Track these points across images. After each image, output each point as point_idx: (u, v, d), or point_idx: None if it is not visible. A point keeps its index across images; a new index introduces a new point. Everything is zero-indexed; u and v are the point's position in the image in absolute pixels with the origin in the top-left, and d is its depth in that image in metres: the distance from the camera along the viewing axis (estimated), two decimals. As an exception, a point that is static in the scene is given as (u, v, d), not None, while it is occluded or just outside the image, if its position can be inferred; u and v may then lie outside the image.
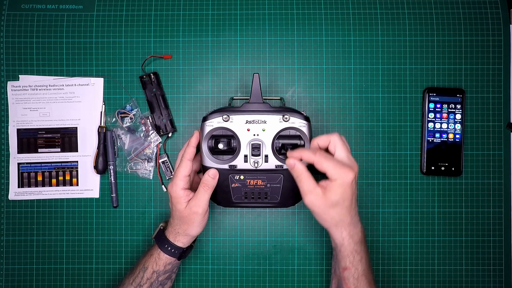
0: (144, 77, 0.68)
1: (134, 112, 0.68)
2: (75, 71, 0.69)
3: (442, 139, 0.68)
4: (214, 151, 0.58)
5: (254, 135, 0.57)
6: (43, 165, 0.69)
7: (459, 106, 0.68)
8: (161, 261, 0.59)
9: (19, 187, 0.68)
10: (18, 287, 0.68)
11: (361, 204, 0.68)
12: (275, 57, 0.69)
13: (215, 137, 0.57)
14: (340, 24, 0.69)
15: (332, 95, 0.69)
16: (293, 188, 0.57)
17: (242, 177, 0.58)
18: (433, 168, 0.68)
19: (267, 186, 0.58)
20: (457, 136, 0.68)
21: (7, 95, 0.69)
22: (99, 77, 0.69)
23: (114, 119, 0.68)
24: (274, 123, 0.56)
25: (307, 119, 0.57)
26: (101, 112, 0.68)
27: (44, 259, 0.68)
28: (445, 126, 0.68)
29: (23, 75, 0.69)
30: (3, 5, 0.69)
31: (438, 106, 0.68)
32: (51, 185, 0.69)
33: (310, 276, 0.68)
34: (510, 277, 0.68)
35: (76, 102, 0.69)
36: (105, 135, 0.68)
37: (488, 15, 0.69)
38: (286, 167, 0.57)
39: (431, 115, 0.68)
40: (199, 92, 0.69)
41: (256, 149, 0.57)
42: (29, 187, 0.68)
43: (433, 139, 0.68)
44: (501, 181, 0.68)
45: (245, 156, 0.57)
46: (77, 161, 0.69)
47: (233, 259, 0.68)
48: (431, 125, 0.68)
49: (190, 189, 0.58)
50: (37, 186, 0.68)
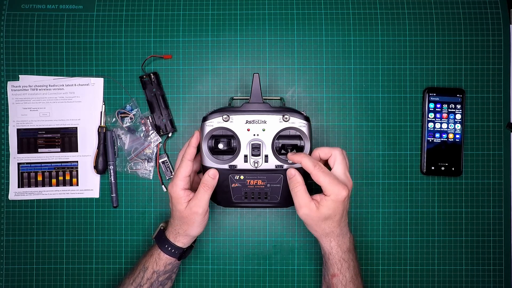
0: (144, 77, 0.68)
1: (134, 112, 0.68)
2: (75, 71, 0.69)
3: (442, 139, 0.68)
4: (214, 151, 0.58)
5: (254, 135, 0.57)
6: (43, 165, 0.69)
7: (459, 106, 0.68)
8: (161, 261, 0.59)
9: (19, 187, 0.68)
10: (18, 287, 0.68)
11: (361, 204, 0.68)
12: (275, 57, 0.69)
13: (215, 137, 0.57)
14: (340, 24, 0.69)
15: (332, 95, 0.69)
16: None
17: (242, 177, 0.58)
18: (433, 168, 0.68)
19: (267, 186, 0.58)
20: (457, 136, 0.68)
21: (7, 95, 0.69)
22: (99, 77, 0.69)
23: (114, 119, 0.68)
24: (274, 123, 0.56)
25: (307, 119, 0.57)
26: (101, 112, 0.68)
27: (44, 259, 0.68)
28: (445, 126, 0.68)
29: (23, 75, 0.69)
30: (3, 5, 0.69)
31: (438, 106, 0.68)
32: (51, 185, 0.69)
33: (310, 276, 0.68)
34: (510, 277, 0.68)
35: (76, 102, 0.69)
36: (105, 135, 0.68)
37: (488, 15, 0.69)
38: (286, 167, 0.57)
39: (431, 115, 0.68)
40: (199, 92, 0.69)
41: (256, 149, 0.56)
42: (29, 187, 0.68)
43: (433, 139, 0.68)
44: (501, 181, 0.68)
45: (245, 156, 0.57)
46: (77, 161, 0.69)
47: (233, 259, 0.68)
48: (431, 125, 0.68)
49: (190, 189, 0.58)
50: (37, 186, 0.68)
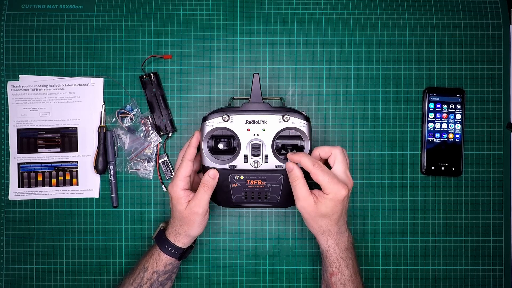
0: (144, 77, 0.68)
1: (134, 112, 0.68)
2: (75, 71, 0.69)
3: (442, 139, 0.68)
4: (214, 151, 0.58)
5: (254, 135, 0.57)
6: (43, 165, 0.69)
7: (459, 106, 0.68)
8: (161, 261, 0.59)
9: (19, 187, 0.68)
10: (18, 287, 0.68)
11: (361, 204, 0.68)
12: (275, 57, 0.69)
13: (215, 137, 0.57)
14: (340, 24, 0.69)
15: (332, 95, 0.69)
16: (293, 188, 0.57)
17: (242, 177, 0.58)
18: (433, 168, 0.68)
19: (267, 186, 0.58)
20: (457, 136, 0.68)
21: (7, 95, 0.69)
22: (99, 77, 0.69)
23: (114, 119, 0.68)
24: (274, 123, 0.56)
25: (307, 119, 0.57)
26: (101, 112, 0.68)
27: (44, 259, 0.68)
28: (445, 126, 0.68)
29: (23, 75, 0.69)
30: (3, 5, 0.69)
31: (438, 106, 0.68)
32: (51, 185, 0.69)
33: (310, 276, 0.68)
34: (510, 277, 0.68)
35: (76, 102, 0.69)
36: (105, 135, 0.68)
37: (488, 15, 0.69)
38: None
39: (431, 115, 0.68)
40: (199, 92, 0.69)
41: (256, 149, 0.56)
42: (29, 187, 0.68)
43: (433, 139, 0.68)
44: (501, 181, 0.68)
45: (245, 156, 0.57)
46: (77, 161, 0.69)
47: (233, 259, 0.68)
48: (431, 125, 0.68)
49: (190, 189, 0.58)
50: (37, 186, 0.68)
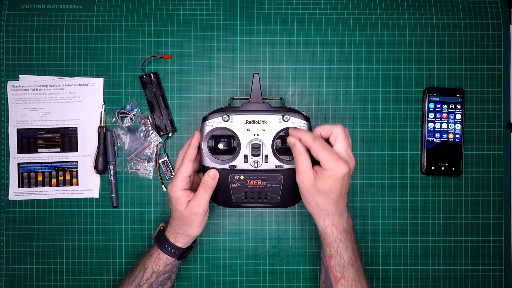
0: (144, 77, 0.68)
1: (134, 112, 0.68)
2: (75, 71, 0.69)
3: (442, 139, 0.68)
4: (214, 151, 0.58)
5: (254, 135, 0.57)
6: (43, 165, 0.69)
7: (459, 106, 0.68)
8: (161, 261, 0.59)
9: (19, 187, 0.68)
10: (18, 287, 0.68)
11: (361, 204, 0.68)
12: (275, 57, 0.69)
13: (215, 137, 0.57)
14: (340, 24, 0.69)
15: (332, 95, 0.69)
16: (293, 188, 0.57)
17: (242, 177, 0.58)
18: (433, 168, 0.68)
19: (267, 186, 0.58)
20: (457, 136, 0.68)
21: (7, 95, 0.69)
22: (99, 77, 0.69)
23: (114, 119, 0.68)
24: (274, 123, 0.56)
25: (307, 119, 0.57)
26: (101, 112, 0.68)
27: (44, 259, 0.68)
28: (445, 126, 0.68)
29: (23, 75, 0.69)
30: (3, 5, 0.69)
31: (438, 106, 0.68)
32: (51, 185, 0.69)
33: (310, 276, 0.68)
34: (510, 277, 0.68)
35: (76, 102, 0.69)
36: (105, 135, 0.68)
37: (488, 15, 0.69)
38: (286, 167, 0.57)
39: (431, 115, 0.68)
40: (199, 92, 0.69)
41: (256, 149, 0.56)
42: (29, 187, 0.68)
43: (433, 139, 0.68)
44: (501, 181, 0.68)
45: (245, 156, 0.57)
46: (77, 161, 0.69)
47: (233, 259, 0.68)
48: (431, 125, 0.68)
49: (190, 189, 0.58)
50: (37, 186, 0.68)
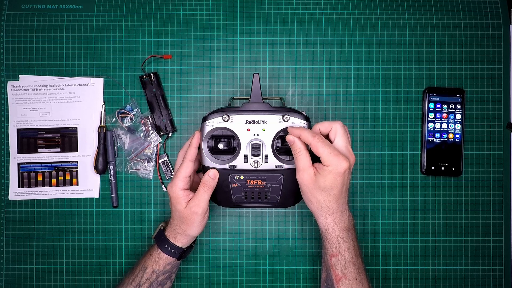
0: (144, 77, 0.68)
1: (134, 112, 0.68)
2: (75, 71, 0.69)
3: (442, 139, 0.68)
4: (214, 151, 0.58)
5: (254, 135, 0.57)
6: (43, 165, 0.69)
7: (459, 106, 0.68)
8: (160, 261, 0.59)
9: (19, 187, 0.68)
10: (18, 287, 0.68)
11: (361, 204, 0.68)
12: (275, 57, 0.69)
13: (215, 137, 0.57)
14: (340, 24, 0.69)
15: (332, 95, 0.69)
16: (293, 188, 0.57)
17: (242, 177, 0.58)
18: (433, 168, 0.68)
19: (267, 186, 0.58)
20: (457, 136, 0.68)
21: (7, 95, 0.69)
22: (99, 77, 0.69)
23: (114, 119, 0.68)
24: (274, 123, 0.56)
25: (307, 119, 0.57)
26: (101, 112, 0.68)
27: (44, 259, 0.68)
28: (445, 126, 0.68)
29: (23, 75, 0.69)
30: (3, 5, 0.69)
31: (438, 106, 0.68)
32: (51, 185, 0.69)
33: (310, 276, 0.68)
34: (510, 277, 0.68)
35: (76, 102, 0.69)
36: (105, 135, 0.68)
37: (488, 15, 0.69)
38: (286, 167, 0.57)
39: (431, 115, 0.68)
40: (199, 92, 0.69)
41: (256, 149, 0.56)
42: (29, 187, 0.68)
43: (433, 139, 0.68)
44: (501, 181, 0.68)
45: (245, 156, 0.57)
46: (77, 161, 0.69)
47: (233, 259, 0.68)
48: (431, 125, 0.68)
49: (190, 189, 0.58)
50: (37, 186, 0.68)
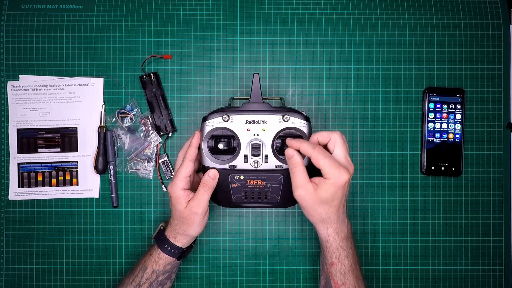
0: (144, 77, 0.68)
1: (134, 112, 0.68)
2: (75, 71, 0.69)
3: (442, 139, 0.68)
4: (214, 151, 0.58)
5: (254, 135, 0.57)
6: (43, 165, 0.69)
7: (459, 106, 0.68)
8: (160, 261, 0.59)
9: (19, 187, 0.68)
10: (18, 287, 0.68)
11: (361, 204, 0.68)
12: (275, 57, 0.69)
13: (215, 137, 0.57)
14: (340, 24, 0.69)
15: (332, 95, 0.69)
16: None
17: (242, 177, 0.58)
18: (433, 168, 0.68)
19: (267, 186, 0.58)
20: (457, 136, 0.68)
21: (7, 95, 0.69)
22: (99, 77, 0.69)
23: (114, 119, 0.68)
24: (274, 123, 0.56)
25: (307, 119, 0.57)
26: (101, 112, 0.68)
27: (44, 259, 0.68)
28: (445, 126, 0.68)
29: (23, 75, 0.69)
30: (3, 5, 0.69)
31: (438, 106, 0.68)
32: (51, 185, 0.69)
33: (310, 276, 0.68)
34: (510, 277, 0.68)
35: (76, 102, 0.69)
36: (105, 135, 0.68)
37: (488, 15, 0.69)
38: (286, 167, 0.57)
39: (431, 115, 0.68)
40: (199, 92, 0.69)
41: (256, 149, 0.56)
42: (29, 187, 0.68)
43: (433, 139, 0.68)
44: (501, 181, 0.68)
45: (245, 156, 0.57)
46: (77, 161, 0.69)
47: (233, 259, 0.68)
48: (431, 125, 0.68)
49: (190, 189, 0.58)
50: (37, 186, 0.68)
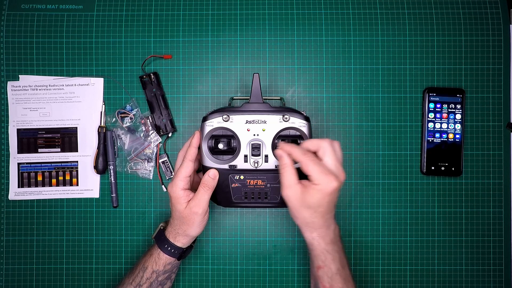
0: (144, 77, 0.68)
1: (134, 112, 0.68)
2: (75, 71, 0.69)
3: (442, 139, 0.68)
4: (214, 151, 0.58)
5: (254, 135, 0.57)
6: (43, 165, 0.69)
7: (459, 106, 0.68)
8: (160, 261, 0.59)
9: (19, 187, 0.68)
10: (18, 287, 0.68)
11: (361, 204, 0.68)
12: (275, 57, 0.69)
13: (215, 137, 0.57)
14: (340, 24, 0.69)
15: (332, 95, 0.69)
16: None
17: (242, 177, 0.58)
18: (433, 168, 0.68)
19: (267, 186, 0.58)
20: (457, 136, 0.68)
21: (7, 95, 0.69)
22: (99, 77, 0.69)
23: (114, 119, 0.68)
24: (274, 123, 0.56)
25: (307, 119, 0.57)
26: (101, 112, 0.68)
27: (44, 259, 0.68)
28: (445, 126, 0.68)
29: (23, 75, 0.69)
30: (3, 5, 0.69)
31: (438, 106, 0.68)
32: (51, 185, 0.69)
33: (310, 276, 0.68)
34: (510, 277, 0.68)
35: (76, 102, 0.69)
36: (105, 135, 0.68)
37: (488, 15, 0.69)
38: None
39: (431, 115, 0.68)
40: (199, 92, 0.69)
41: (256, 149, 0.56)
42: (29, 187, 0.68)
43: (433, 139, 0.68)
44: (501, 181, 0.68)
45: (245, 156, 0.57)
46: (77, 161, 0.69)
47: (233, 259, 0.68)
48: (431, 125, 0.68)
49: (190, 189, 0.58)
50: (37, 186, 0.68)
